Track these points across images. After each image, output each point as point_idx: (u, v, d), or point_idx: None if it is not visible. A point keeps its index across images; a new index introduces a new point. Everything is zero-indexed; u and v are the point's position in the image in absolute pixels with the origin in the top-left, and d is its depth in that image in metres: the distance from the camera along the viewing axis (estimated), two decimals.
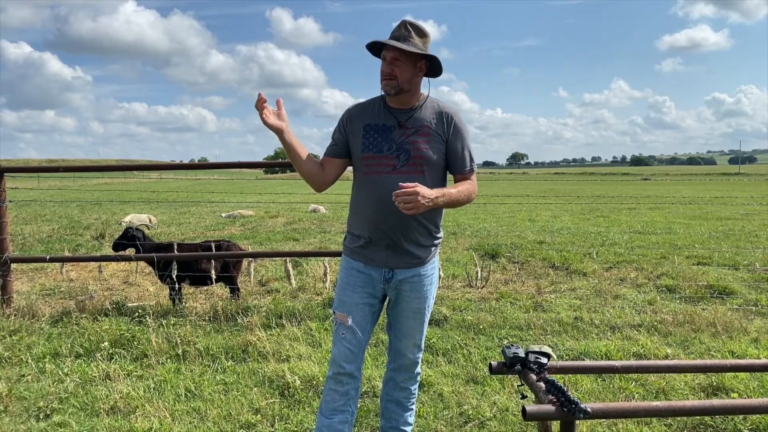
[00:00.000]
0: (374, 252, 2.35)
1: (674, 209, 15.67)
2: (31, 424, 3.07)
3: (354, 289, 2.39)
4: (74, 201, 18.61)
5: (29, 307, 5.00)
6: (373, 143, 2.30)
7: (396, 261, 2.34)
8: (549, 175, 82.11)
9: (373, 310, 2.43)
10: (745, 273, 6.73)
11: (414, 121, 2.30)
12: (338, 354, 2.39)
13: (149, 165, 17.25)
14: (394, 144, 2.27)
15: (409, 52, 2.22)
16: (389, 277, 2.36)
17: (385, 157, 2.27)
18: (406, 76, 2.25)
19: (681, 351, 4.12)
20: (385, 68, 2.25)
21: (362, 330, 2.39)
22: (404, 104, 2.32)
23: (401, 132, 2.28)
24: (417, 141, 2.27)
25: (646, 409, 1.87)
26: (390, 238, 2.30)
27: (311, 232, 10.90)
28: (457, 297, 5.65)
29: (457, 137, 2.32)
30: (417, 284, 2.39)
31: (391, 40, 2.23)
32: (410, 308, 2.43)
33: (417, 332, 2.48)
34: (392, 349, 2.56)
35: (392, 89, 2.25)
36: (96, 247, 9.10)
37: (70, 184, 35.05)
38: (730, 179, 35.58)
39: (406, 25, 2.25)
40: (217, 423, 3.05)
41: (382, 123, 2.31)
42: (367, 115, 2.35)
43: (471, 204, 2.83)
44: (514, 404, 3.21)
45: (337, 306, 2.43)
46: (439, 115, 2.33)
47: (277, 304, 5.10)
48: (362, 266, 2.38)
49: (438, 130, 2.30)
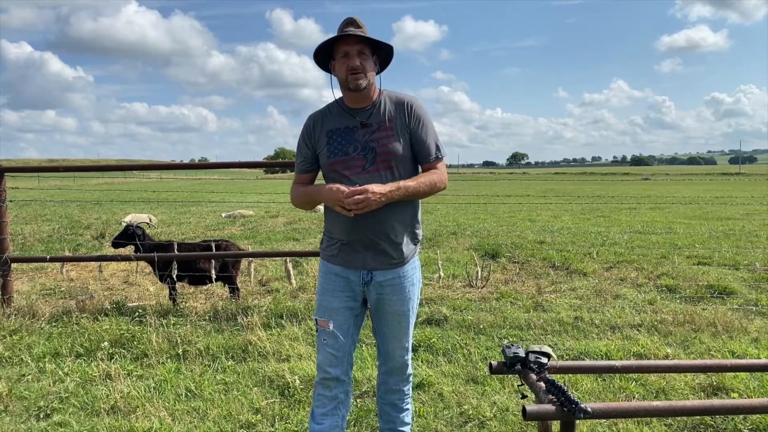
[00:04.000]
0: (351, 254, 2.31)
1: (674, 209, 15.66)
2: (32, 423, 3.07)
3: (333, 293, 2.35)
4: (74, 201, 18.62)
5: (29, 306, 5.00)
6: (338, 147, 2.25)
7: (374, 262, 2.29)
8: (549, 175, 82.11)
9: (355, 313, 2.39)
10: (745, 273, 6.73)
11: (375, 118, 2.25)
12: (322, 360, 2.37)
13: (149, 165, 17.23)
14: (359, 144, 2.23)
15: (371, 42, 2.20)
16: (368, 279, 2.31)
17: (352, 158, 2.23)
18: (370, 69, 2.22)
19: (681, 351, 4.12)
20: (352, 62, 2.17)
21: (344, 334, 2.36)
22: (363, 102, 2.27)
23: (364, 131, 2.24)
24: (381, 137, 2.23)
25: (647, 409, 1.87)
26: (367, 239, 2.26)
27: (311, 232, 10.90)
28: (458, 297, 5.65)
29: (419, 125, 2.27)
30: (398, 286, 2.34)
31: (354, 30, 2.18)
32: (393, 311, 2.37)
33: (403, 335, 2.43)
34: (381, 352, 2.53)
35: (363, 82, 2.20)
36: (96, 247, 9.11)
37: (70, 183, 35.06)
38: (730, 179, 35.53)
39: (354, 21, 2.22)
40: (217, 423, 3.05)
41: (344, 125, 2.27)
42: (328, 121, 2.30)
43: (471, 204, 2.82)
44: (514, 404, 3.20)
45: (317, 312, 2.40)
46: (398, 105, 2.28)
47: (277, 303, 5.10)
48: (340, 269, 2.34)
49: (399, 123, 2.26)
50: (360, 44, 2.19)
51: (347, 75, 2.20)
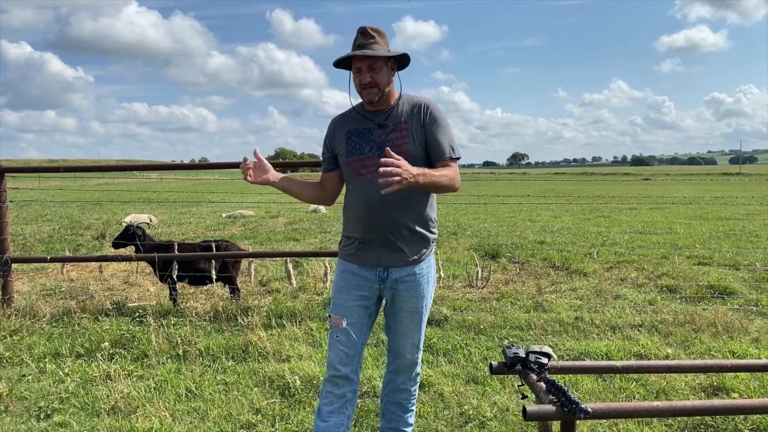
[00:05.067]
0: (367, 252, 2.36)
1: (675, 209, 15.66)
2: (32, 424, 3.08)
3: (348, 291, 2.40)
4: (75, 201, 18.62)
5: (30, 307, 5.00)
6: (355, 147, 2.34)
7: (389, 259, 2.35)
8: (549, 175, 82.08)
9: (368, 312, 2.44)
10: (745, 273, 6.73)
11: (392, 119, 2.32)
12: (333, 357, 2.40)
13: (150, 165, 17.24)
14: (375, 144, 2.30)
15: (382, 57, 2.24)
16: (384, 276, 2.37)
17: (368, 158, 2.29)
18: (384, 79, 2.27)
19: (681, 351, 4.12)
20: (363, 79, 2.25)
21: (357, 333, 2.39)
22: (382, 106, 2.34)
23: (381, 132, 2.31)
24: (396, 137, 2.29)
25: (647, 409, 1.87)
26: (383, 236, 2.31)
27: (311, 232, 10.91)
28: (458, 297, 5.65)
29: (434, 126, 2.31)
30: (413, 283, 2.39)
31: (362, 50, 2.23)
32: (407, 308, 2.43)
33: (415, 332, 2.48)
34: (391, 350, 2.57)
35: (376, 96, 2.27)
36: (96, 247, 9.11)
37: (70, 184, 35.07)
38: (730, 179, 35.54)
39: (366, 31, 2.27)
40: (217, 423, 3.06)
41: (362, 127, 2.35)
42: (348, 123, 2.40)
43: (471, 204, 2.83)
44: (514, 404, 3.20)
45: (332, 309, 2.44)
46: (415, 108, 2.34)
47: (277, 304, 5.10)
48: (356, 268, 2.40)
49: (415, 123, 2.31)
50: (370, 59, 2.24)
51: (360, 90, 2.29)
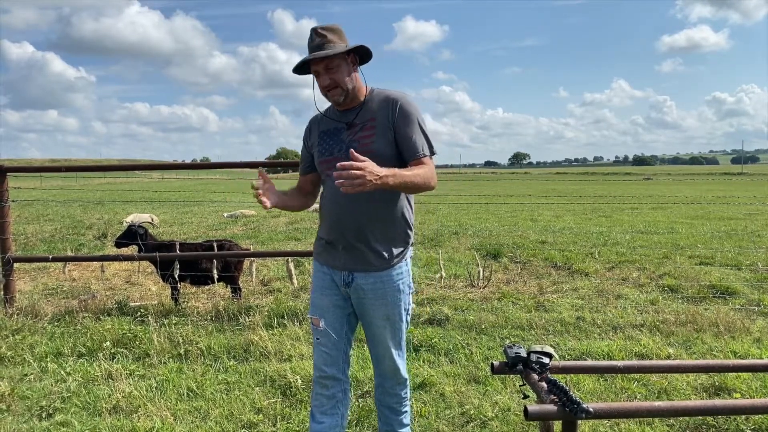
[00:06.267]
0: (333, 254, 2.32)
1: (676, 209, 15.63)
2: (34, 423, 3.08)
3: (323, 291, 2.37)
4: (76, 201, 18.65)
5: (32, 306, 5.00)
6: (326, 148, 2.29)
7: (353, 264, 2.27)
8: (551, 174, 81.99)
9: (345, 312, 2.38)
10: (747, 273, 6.72)
11: (360, 117, 2.24)
12: (317, 358, 2.39)
13: (151, 165, 17.25)
14: (344, 144, 2.24)
15: (338, 55, 2.16)
16: (349, 280, 2.29)
17: (336, 159, 2.19)
18: (344, 77, 2.19)
19: (683, 351, 4.11)
20: (323, 81, 2.18)
21: (337, 332, 2.35)
22: (352, 104, 2.27)
23: (350, 132, 2.25)
24: (363, 137, 2.21)
25: (649, 409, 1.87)
26: (346, 240, 2.25)
27: (313, 231, 10.90)
28: (459, 297, 5.65)
29: (404, 122, 2.20)
30: (379, 291, 2.28)
31: (312, 53, 2.15)
32: (378, 315, 2.32)
33: (390, 339, 2.37)
34: (371, 355, 2.51)
35: (341, 96, 2.21)
36: (98, 247, 9.13)
37: (72, 183, 35.10)
38: (732, 179, 35.49)
39: (317, 31, 2.18)
40: (219, 422, 3.06)
41: (334, 127, 2.30)
42: (323, 123, 2.35)
43: (473, 204, 2.81)
44: (515, 404, 3.20)
45: (311, 309, 2.42)
46: (384, 103, 2.24)
47: (279, 303, 5.10)
48: (327, 269, 2.36)
49: (383, 120, 2.21)
50: (324, 60, 2.16)
51: (325, 93, 2.23)
